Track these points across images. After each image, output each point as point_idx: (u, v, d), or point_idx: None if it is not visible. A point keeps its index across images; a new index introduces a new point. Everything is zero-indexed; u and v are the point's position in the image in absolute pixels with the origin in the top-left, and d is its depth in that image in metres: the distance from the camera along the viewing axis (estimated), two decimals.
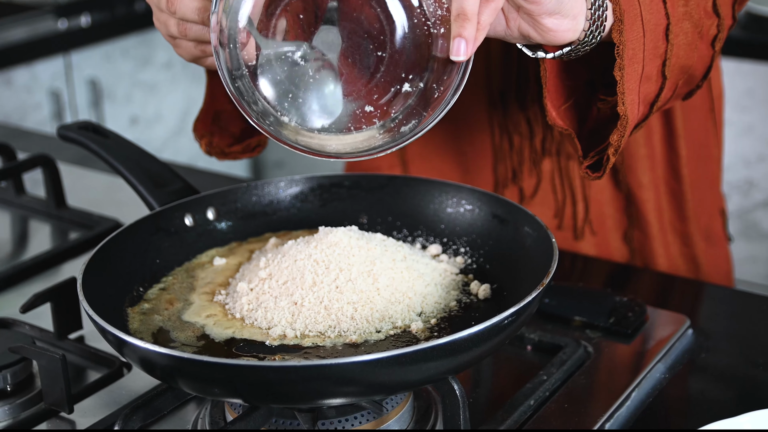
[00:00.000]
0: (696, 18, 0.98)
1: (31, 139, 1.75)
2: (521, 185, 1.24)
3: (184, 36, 0.92)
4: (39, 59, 2.68)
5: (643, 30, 0.91)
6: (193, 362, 0.74)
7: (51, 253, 1.23)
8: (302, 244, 0.91)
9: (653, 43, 0.93)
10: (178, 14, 0.90)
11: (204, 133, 1.13)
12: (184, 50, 0.94)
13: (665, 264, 1.26)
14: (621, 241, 1.25)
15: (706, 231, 1.29)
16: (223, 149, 1.12)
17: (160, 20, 0.93)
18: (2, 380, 0.93)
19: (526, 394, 0.91)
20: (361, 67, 0.83)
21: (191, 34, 0.91)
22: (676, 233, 1.27)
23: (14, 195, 1.40)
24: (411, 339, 0.84)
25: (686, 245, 1.28)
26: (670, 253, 1.27)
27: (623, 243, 1.25)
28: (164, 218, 0.99)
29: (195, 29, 0.91)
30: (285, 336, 0.85)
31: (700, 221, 1.28)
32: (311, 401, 0.78)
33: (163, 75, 3.04)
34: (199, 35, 0.91)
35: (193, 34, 0.91)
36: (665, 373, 0.98)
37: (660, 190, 1.24)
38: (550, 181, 1.22)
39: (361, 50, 0.83)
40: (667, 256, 1.26)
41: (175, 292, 0.94)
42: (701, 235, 1.28)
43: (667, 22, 0.94)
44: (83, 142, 1.09)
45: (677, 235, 1.27)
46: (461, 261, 0.98)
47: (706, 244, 1.29)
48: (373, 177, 1.06)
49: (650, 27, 0.92)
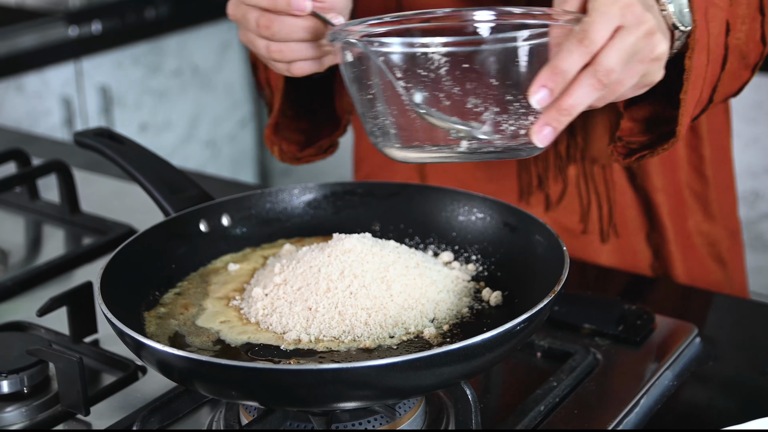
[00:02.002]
0: (745, 49, 1.00)
1: (42, 144, 1.77)
2: (547, 192, 1.24)
3: (280, 59, 0.93)
4: (50, 66, 2.70)
5: (708, 58, 0.93)
6: (211, 365, 0.75)
7: (65, 258, 1.24)
8: (316, 250, 0.93)
9: (712, 71, 0.95)
10: (277, 37, 0.92)
11: (274, 141, 1.15)
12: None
13: (682, 267, 1.26)
14: (644, 243, 1.26)
15: (730, 230, 1.30)
16: (294, 155, 1.15)
17: (254, 44, 0.95)
18: (19, 382, 0.95)
19: (537, 399, 0.93)
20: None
21: (288, 56, 0.92)
22: (702, 235, 1.27)
23: (29, 200, 1.41)
24: (424, 344, 0.86)
25: (712, 245, 1.28)
26: (693, 256, 1.27)
27: (647, 245, 1.26)
28: (180, 224, 1.01)
29: (294, 50, 0.92)
30: (300, 341, 0.86)
31: (725, 221, 1.29)
32: (326, 404, 0.79)
33: (173, 82, 3.05)
34: (297, 56, 0.92)
35: (291, 55, 0.92)
36: (673, 381, 0.99)
37: (683, 193, 1.25)
38: (576, 186, 1.23)
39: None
40: (686, 258, 1.26)
41: (190, 297, 0.96)
42: (726, 233, 1.29)
43: (725, 52, 0.96)
44: (99, 149, 1.10)
45: (703, 236, 1.27)
46: (473, 268, 0.99)
47: (731, 242, 1.30)
48: (385, 185, 1.07)
49: (713, 57, 0.94)
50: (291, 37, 0.93)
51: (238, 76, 3.28)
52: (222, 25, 3.18)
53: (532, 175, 1.24)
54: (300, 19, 0.92)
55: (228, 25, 3.20)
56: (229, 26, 3.20)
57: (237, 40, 3.22)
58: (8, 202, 1.43)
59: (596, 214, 1.24)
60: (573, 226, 1.24)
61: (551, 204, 1.24)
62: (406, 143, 0.87)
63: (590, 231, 1.25)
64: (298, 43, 0.94)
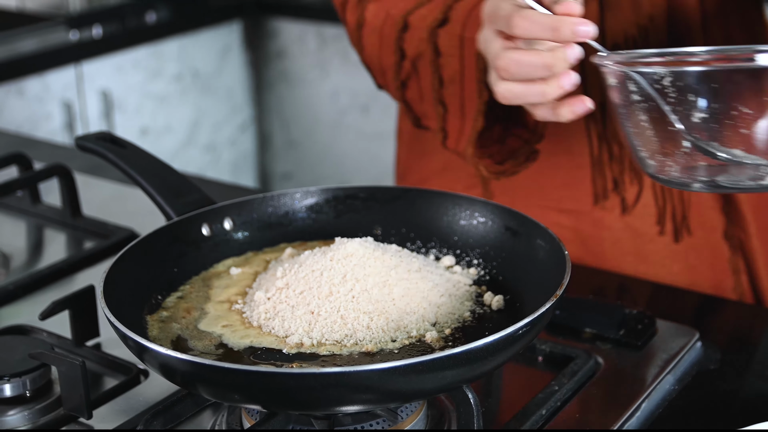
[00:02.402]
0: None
1: (42, 148, 1.77)
2: (623, 195, 1.22)
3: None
4: (51, 70, 2.71)
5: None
6: (214, 368, 0.76)
7: (67, 262, 1.24)
8: (319, 254, 0.93)
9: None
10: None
11: (479, 156, 1.10)
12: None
13: (764, 259, 1.25)
14: (722, 239, 1.24)
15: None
16: (496, 169, 1.10)
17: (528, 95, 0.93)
18: (22, 386, 0.95)
19: (538, 403, 0.93)
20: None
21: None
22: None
23: (30, 204, 1.41)
24: (426, 348, 0.86)
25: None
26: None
27: (724, 241, 1.24)
28: (182, 228, 1.01)
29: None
30: (302, 344, 0.86)
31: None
32: (328, 408, 0.79)
33: (173, 87, 3.06)
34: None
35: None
36: (674, 385, 0.99)
37: None
38: (651, 188, 1.22)
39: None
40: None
41: (192, 300, 0.96)
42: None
43: None
44: (101, 153, 1.10)
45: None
46: (474, 272, 0.99)
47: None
48: (387, 189, 1.07)
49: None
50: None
51: (238, 80, 3.28)
52: (222, 30, 3.18)
53: (607, 179, 1.22)
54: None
55: (228, 29, 3.20)
56: (229, 30, 3.21)
57: (237, 44, 3.23)
58: (10, 206, 1.43)
59: (671, 215, 1.22)
60: (648, 228, 1.22)
61: (627, 207, 1.23)
62: (666, 170, 0.87)
63: (666, 232, 1.23)
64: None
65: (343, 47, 3.13)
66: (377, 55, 1.20)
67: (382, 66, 1.20)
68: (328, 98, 3.23)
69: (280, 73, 3.30)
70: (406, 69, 1.16)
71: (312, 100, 3.27)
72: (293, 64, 3.27)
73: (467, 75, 1.08)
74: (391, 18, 1.16)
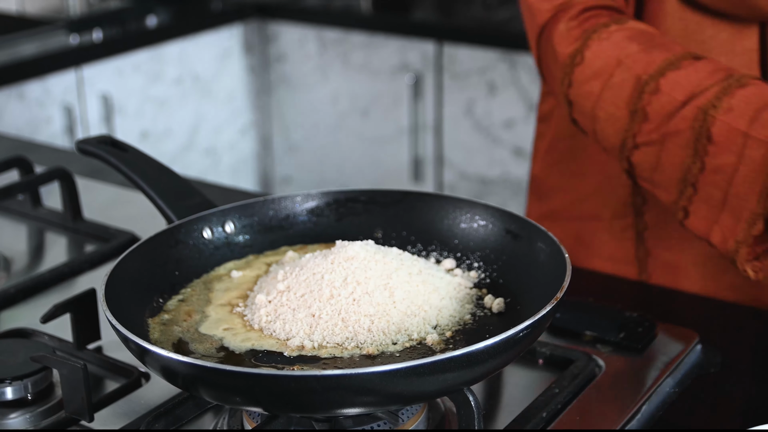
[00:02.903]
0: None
1: (43, 152, 1.77)
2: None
3: None
4: (51, 74, 2.71)
5: None
6: (215, 371, 0.76)
7: (68, 266, 1.25)
8: (320, 257, 0.93)
9: None
10: None
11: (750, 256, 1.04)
12: None
13: None
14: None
15: None
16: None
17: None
18: (23, 389, 0.95)
19: (539, 406, 0.93)
20: None
21: None
22: None
23: (31, 208, 1.42)
24: (427, 351, 0.86)
25: None
26: None
27: None
28: (183, 231, 1.01)
29: None
30: (303, 347, 0.86)
31: None
32: (330, 410, 0.79)
33: (174, 90, 3.06)
34: None
35: None
36: (675, 388, 0.99)
37: None
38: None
39: None
40: None
41: (193, 304, 0.96)
42: None
43: None
44: (103, 156, 1.11)
45: None
46: (475, 275, 0.99)
47: None
48: (388, 192, 1.07)
49: None
50: None
51: (238, 84, 3.29)
52: (222, 33, 3.19)
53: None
54: None
55: (228, 32, 3.21)
56: (229, 34, 3.21)
57: (237, 48, 3.24)
58: (11, 210, 1.44)
59: None
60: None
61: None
62: None
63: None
64: None
65: (343, 51, 3.14)
66: (594, 100, 1.12)
67: (595, 113, 1.13)
68: (328, 102, 3.23)
69: (281, 77, 3.30)
70: (646, 133, 1.08)
71: (312, 103, 3.27)
72: (293, 67, 3.27)
73: (744, 175, 1.01)
74: (630, 72, 1.09)
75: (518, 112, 2.86)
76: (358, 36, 3.09)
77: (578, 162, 1.34)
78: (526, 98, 2.83)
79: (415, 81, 3.00)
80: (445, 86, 2.97)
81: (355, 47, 3.11)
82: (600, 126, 1.13)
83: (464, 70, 2.92)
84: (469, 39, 2.88)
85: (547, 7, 1.18)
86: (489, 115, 2.91)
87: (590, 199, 1.32)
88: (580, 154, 1.33)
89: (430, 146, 3.05)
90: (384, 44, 3.04)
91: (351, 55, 3.13)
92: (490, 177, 2.96)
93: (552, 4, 1.18)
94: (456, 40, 2.91)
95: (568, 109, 1.18)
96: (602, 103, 1.11)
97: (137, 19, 3.03)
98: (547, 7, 1.18)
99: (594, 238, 1.33)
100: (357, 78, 3.14)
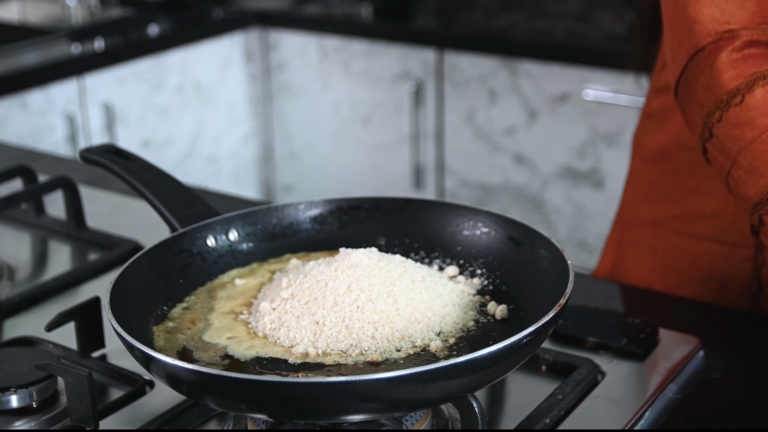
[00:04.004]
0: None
1: (45, 161, 1.78)
2: None
3: None
4: (53, 83, 2.72)
5: None
6: (220, 378, 0.76)
7: (72, 274, 1.25)
8: (323, 265, 0.94)
9: None
10: None
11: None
12: None
13: None
14: None
15: None
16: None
17: None
18: (28, 397, 0.95)
19: (542, 412, 0.93)
20: None
21: None
22: None
23: (35, 216, 1.42)
24: (430, 358, 0.86)
25: None
26: None
27: None
28: (187, 239, 1.02)
29: None
30: (307, 354, 0.87)
31: None
32: (334, 417, 0.80)
33: (175, 99, 3.07)
34: None
35: None
36: (677, 394, 1.00)
37: None
38: None
39: None
40: None
41: (197, 311, 0.97)
42: None
43: None
44: (106, 165, 1.11)
45: None
46: (478, 282, 1.00)
47: None
48: (390, 200, 1.08)
49: None
50: None
51: (239, 92, 3.29)
52: (224, 42, 3.20)
53: None
54: None
55: (230, 41, 3.22)
56: (230, 42, 3.22)
57: (238, 56, 3.25)
58: (15, 219, 1.44)
59: None
60: None
61: None
62: None
63: None
64: None
65: (344, 59, 3.14)
66: (742, 147, 1.07)
67: (738, 159, 1.08)
68: (329, 110, 3.24)
69: (282, 85, 3.31)
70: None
71: (313, 111, 3.28)
72: (295, 75, 3.28)
73: None
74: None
75: (519, 119, 2.86)
76: (359, 44, 3.10)
77: (697, 179, 1.29)
78: (527, 105, 2.84)
79: (416, 88, 3.00)
80: (446, 93, 2.97)
81: (356, 55, 3.12)
82: (739, 173, 1.08)
83: (465, 78, 2.92)
84: (470, 46, 2.89)
85: (713, 30, 1.10)
86: (490, 122, 2.91)
87: (709, 221, 1.28)
88: (700, 172, 1.27)
89: (432, 153, 3.06)
90: (385, 52, 3.05)
91: (352, 62, 3.13)
92: (491, 184, 2.96)
93: (718, 29, 1.10)
94: (457, 47, 2.92)
95: (705, 136, 1.12)
96: (750, 153, 1.06)
97: (139, 28, 3.04)
98: (714, 30, 1.10)
99: (709, 262, 1.28)
100: (358, 86, 3.15)
